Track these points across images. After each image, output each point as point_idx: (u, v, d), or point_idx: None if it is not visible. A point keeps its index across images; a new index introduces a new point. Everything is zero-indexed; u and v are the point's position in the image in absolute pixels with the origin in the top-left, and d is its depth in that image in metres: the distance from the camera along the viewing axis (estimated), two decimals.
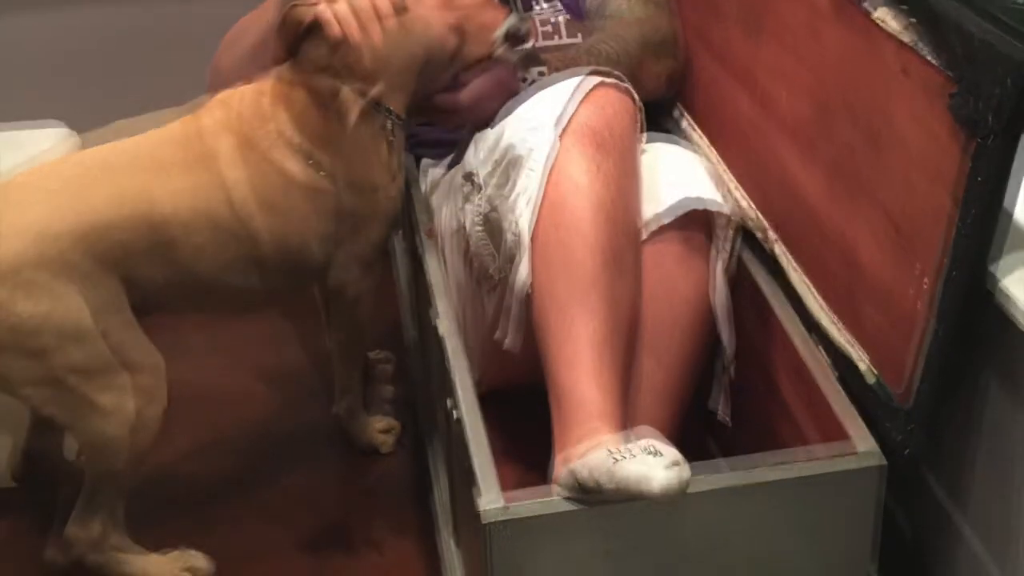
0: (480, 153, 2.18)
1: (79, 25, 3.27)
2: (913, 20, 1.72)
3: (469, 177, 2.21)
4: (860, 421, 1.83)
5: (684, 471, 1.58)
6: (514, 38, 2.18)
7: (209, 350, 3.16)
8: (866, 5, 1.84)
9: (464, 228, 2.24)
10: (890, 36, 1.77)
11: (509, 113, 2.14)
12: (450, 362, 2.00)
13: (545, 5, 2.71)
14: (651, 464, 1.57)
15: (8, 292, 2.06)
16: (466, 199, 2.23)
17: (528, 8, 2.65)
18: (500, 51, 2.20)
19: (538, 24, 2.65)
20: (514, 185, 2.01)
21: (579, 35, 2.65)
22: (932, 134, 1.67)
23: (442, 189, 2.44)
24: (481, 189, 2.14)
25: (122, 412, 2.16)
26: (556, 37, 2.65)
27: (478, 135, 2.27)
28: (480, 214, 2.14)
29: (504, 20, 2.17)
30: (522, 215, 1.98)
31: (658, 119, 2.61)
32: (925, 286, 1.70)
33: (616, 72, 2.10)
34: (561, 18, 2.68)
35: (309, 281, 2.37)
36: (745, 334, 2.20)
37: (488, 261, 2.16)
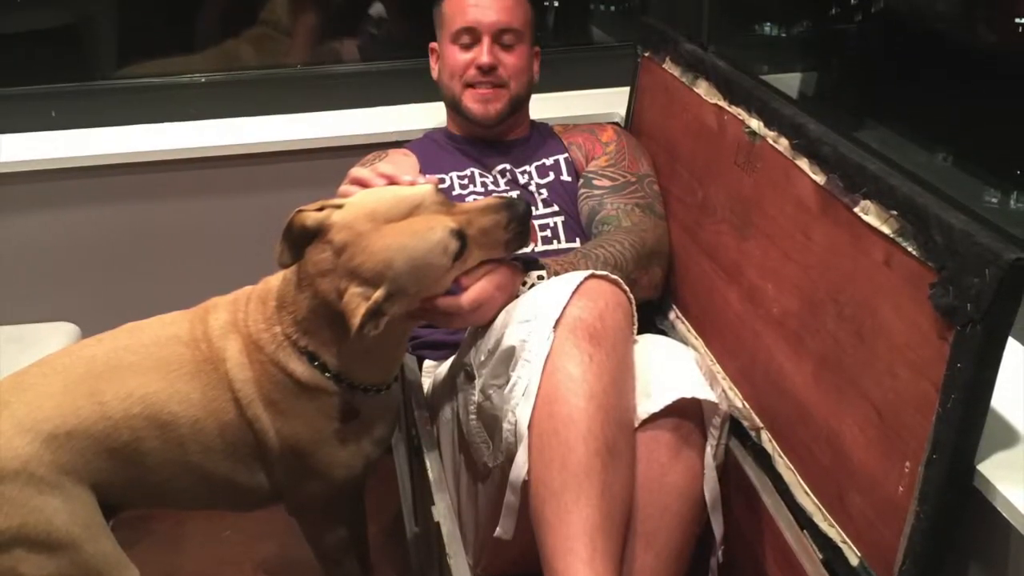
0: (477, 346, 2.24)
1: (91, 226, 3.34)
2: (895, 213, 1.78)
3: (463, 367, 2.26)
4: None
5: None
6: (515, 243, 2.20)
7: (211, 542, 3.17)
8: (849, 199, 1.91)
9: (459, 417, 2.28)
10: (873, 229, 1.83)
11: (506, 311, 2.20)
12: (447, 549, 2.02)
13: (544, 209, 2.79)
14: None
15: (19, 489, 2.09)
16: (460, 389, 2.28)
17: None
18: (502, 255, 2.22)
19: (537, 229, 2.73)
20: (510, 377, 2.05)
21: (577, 239, 2.73)
22: (914, 324, 1.72)
23: (440, 382, 2.48)
24: (475, 379, 2.18)
25: None
26: (555, 241, 2.73)
27: (474, 330, 2.31)
28: (474, 403, 2.18)
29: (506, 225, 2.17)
30: (519, 406, 2.00)
31: (649, 315, 2.66)
32: (907, 471, 1.73)
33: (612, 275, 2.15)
34: (559, 222, 2.77)
35: (314, 480, 2.38)
36: (734, 520, 2.22)
37: (483, 449, 2.19)
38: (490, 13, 2.84)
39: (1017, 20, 2.70)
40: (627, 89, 3.12)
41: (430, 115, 3.28)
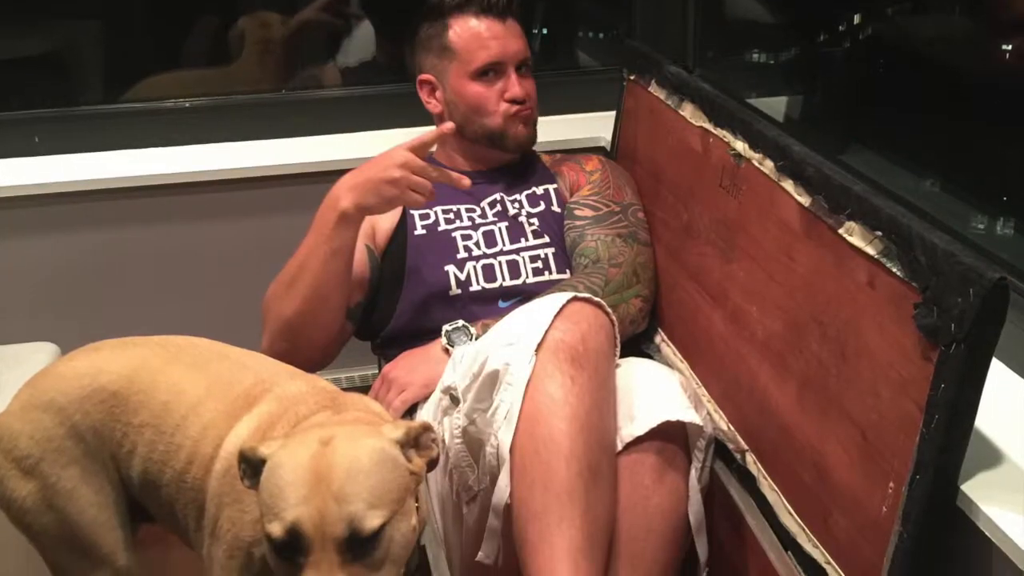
0: (459, 369, 2.23)
1: (73, 250, 3.32)
2: (879, 233, 1.77)
3: (448, 391, 2.25)
4: None
5: None
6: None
7: None
8: (833, 220, 1.90)
9: (444, 441, 2.26)
10: (857, 250, 1.82)
11: (488, 335, 2.21)
12: (433, 574, 2.01)
13: (534, 240, 2.76)
14: None
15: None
16: (445, 413, 2.26)
17: (516, 240, 2.74)
18: None
19: (528, 260, 2.71)
20: (492, 400, 2.04)
21: (567, 271, 2.71)
22: (897, 344, 1.72)
23: (426, 407, 2.47)
24: (460, 403, 2.17)
25: None
26: (547, 272, 2.70)
27: (457, 352, 2.31)
28: (459, 427, 2.17)
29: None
30: (501, 429, 2.00)
31: (634, 339, 2.65)
32: (891, 491, 1.72)
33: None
34: (550, 253, 2.74)
35: None
36: (718, 543, 2.22)
37: (468, 473, 2.17)
38: (512, 44, 2.80)
39: (1004, 46, 2.70)
40: (613, 113, 3.11)
41: None
